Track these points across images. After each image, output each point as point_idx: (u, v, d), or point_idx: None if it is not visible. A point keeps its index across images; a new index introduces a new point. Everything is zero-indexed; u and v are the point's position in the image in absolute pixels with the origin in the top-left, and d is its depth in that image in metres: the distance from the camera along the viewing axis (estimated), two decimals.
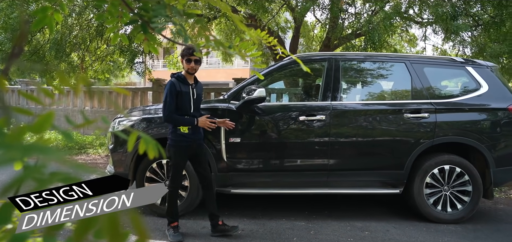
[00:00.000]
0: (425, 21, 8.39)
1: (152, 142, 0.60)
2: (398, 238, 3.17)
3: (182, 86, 3.00)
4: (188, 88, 3.02)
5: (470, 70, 3.75)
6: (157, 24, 0.67)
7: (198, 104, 3.10)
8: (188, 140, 3.01)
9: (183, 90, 2.98)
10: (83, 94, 9.97)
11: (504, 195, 4.77)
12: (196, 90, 3.07)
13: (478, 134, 3.53)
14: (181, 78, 3.04)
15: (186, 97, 3.00)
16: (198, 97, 3.09)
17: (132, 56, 8.55)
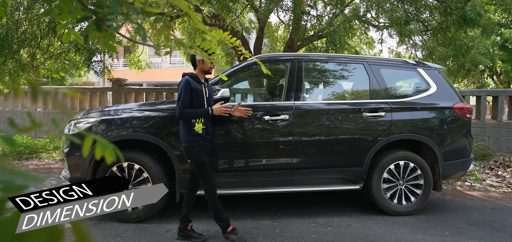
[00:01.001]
0: (381, 25, 8.86)
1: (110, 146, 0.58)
2: (358, 232, 3.31)
3: (196, 84, 3.02)
4: (202, 87, 3.05)
5: (421, 71, 4.02)
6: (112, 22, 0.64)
7: (210, 102, 3.09)
8: (204, 138, 3.01)
9: (197, 88, 3.00)
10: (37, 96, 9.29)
11: (451, 187, 5.17)
12: (208, 89, 3.12)
13: (429, 131, 3.79)
14: (194, 76, 3.06)
15: (200, 95, 3.02)
16: (210, 96, 3.11)
17: (89, 54, 8.09)
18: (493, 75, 19.76)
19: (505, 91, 7.67)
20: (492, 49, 16.13)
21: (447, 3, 6.92)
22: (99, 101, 9.60)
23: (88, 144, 0.60)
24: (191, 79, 3.00)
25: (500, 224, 3.62)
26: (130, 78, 14.69)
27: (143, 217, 3.44)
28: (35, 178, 0.47)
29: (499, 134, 7.33)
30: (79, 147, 3.42)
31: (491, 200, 4.54)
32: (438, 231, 3.36)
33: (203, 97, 3.03)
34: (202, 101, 3.02)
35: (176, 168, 3.45)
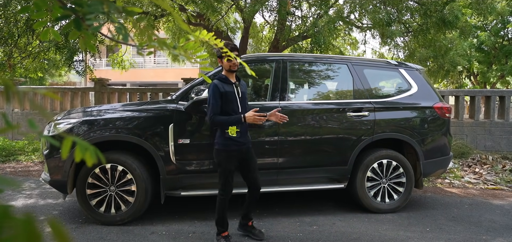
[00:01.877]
0: (364, 26, 9.02)
1: (90, 147, 0.56)
2: (343, 230, 3.36)
3: (226, 86, 2.82)
4: (232, 88, 2.84)
5: (402, 72, 4.12)
6: (92, 21, 0.62)
7: (244, 104, 2.89)
8: (237, 143, 2.83)
9: (227, 91, 2.80)
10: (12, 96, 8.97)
11: (431, 184, 5.32)
12: (240, 88, 2.90)
13: (410, 130, 3.89)
14: (223, 78, 2.85)
15: (232, 97, 2.82)
16: (243, 96, 2.90)
17: (70, 54, 7.87)
18: (471, 76, 20.46)
19: (481, 92, 7.96)
20: (469, 51, 16.72)
21: (427, 5, 7.12)
22: (80, 101, 9.36)
23: (67, 146, 0.58)
24: (220, 82, 2.81)
25: (477, 219, 3.75)
26: (113, 78, 14.42)
27: (127, 219, 3.38)
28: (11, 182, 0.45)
29: (476, 132, 7.60)
30: (59, 148, 3.32)
31: (469, 196, 4.70)
32: (419, 227, 3.45)
33: (235, 99, 2.82)
34: (235, 103, 2.82)
35: (161, 169, 3.40)
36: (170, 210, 3.87)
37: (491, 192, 4.99)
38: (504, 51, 16.90)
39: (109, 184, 3.38)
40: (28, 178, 5.42)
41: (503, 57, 17.32)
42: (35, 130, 0.56)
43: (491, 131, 7.54)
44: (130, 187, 3.37)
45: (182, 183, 3.49)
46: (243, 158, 2.93)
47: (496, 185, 5.33)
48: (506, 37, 17.26)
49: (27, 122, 0.60)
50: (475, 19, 14.81)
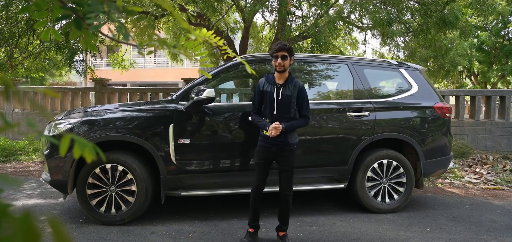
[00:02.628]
0: (365, 26, 9.01)
1: (88, 144, 0.56)
2: (343, 230, 3.36)
3: (266, 85, 2.86)
4: (273, 88, 2.83)
5: (403, 72, 4.12)
6: (92, 20, 0.62)
7: (284, 106, 2.82)
8: (266, 142, 2.87)
9: (265, 90, 2.85)
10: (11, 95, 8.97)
11: (432, 184, 5.32)
12: (285, 90, 2.81)
13: (411, 130, 3.89)
14: (270, 78, 2.90)
15: (268, 97, 2.84)
16: (285, 98, 2.80)
17: (70, 54, 7.88)
18: (471, 76, 20.44)
19: (481, 92, 7.96)
20: (470, 51, 16.71)
21: (427, 5, 7.11)
22: (81, 102, 9.37)
23: (66, 144, 0.58)
24: (263, 80, 2.91)
25: (478, 219, 3.75)
26: (114, 78, 14.43)
27: (127, 219, 3.38)
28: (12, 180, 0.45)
29: (477, 132, 7.59)
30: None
31: (470, 196, 4.70)
32: (419, 228, 3.45)
33: (271, 101, 2.82)
34: (271, 103, 2.83)
35: (161, 169, 3.40)
36: (170, 210, 3.87)
37: (491, 192, 4.98)
38: (505, 51, 16.89)
39: (110, 184, 3.38)
40: (28, 178, 5.43)
41: (504, 57, 17.31)
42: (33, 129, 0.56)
43: (492, 130, 7.53)
44: (130, 187, 3.38)
45: (182, 183, 3.49)
46: (276, 158, 2.91)
47: (497, 185, 5.33)
48: (507, 37, 17.25)
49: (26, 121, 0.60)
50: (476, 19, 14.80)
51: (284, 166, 2.90)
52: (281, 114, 2.84)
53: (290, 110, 2.85)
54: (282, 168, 2.92)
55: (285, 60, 2.80)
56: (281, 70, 2.82)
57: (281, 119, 2.83)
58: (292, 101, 2.84)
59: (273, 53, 2.84)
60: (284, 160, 2.89)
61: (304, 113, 2.89)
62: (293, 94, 2.84)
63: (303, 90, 2.88)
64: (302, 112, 2.89)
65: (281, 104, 2.82)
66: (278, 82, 2.86)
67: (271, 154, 2.90)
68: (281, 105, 2.83)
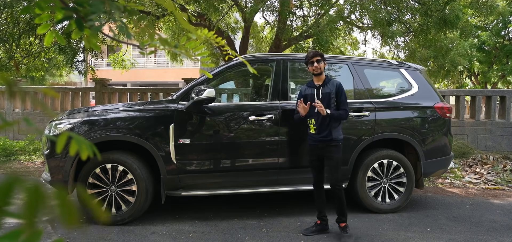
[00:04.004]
0: (365, 26, 9.01)
1: (85, 141, 0.57)
2: None
3: (307, 89, 3.23)
4: (313, 91, 3.18)
5: (403, 72, 4.12)
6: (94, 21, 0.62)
7: (324, 103, 3.09)
8: (313, 139, 3.17)
9: (307, 94, 3.21)
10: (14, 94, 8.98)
11: (432, 184, 5.32)
12: (323, 90, 3.14)
13: (411, 130, 3.89)
14: (309, 83, 3.27)
15: (309, 99, 3.16)
16: (324, 96, 3.12)
17: (72, 54, 7.89)
18: (471, 76, 20.44)
19: (482, 92, 7.95)
20: (470, 51, 16.71)
21: (427, 5, 7.11)
22: (81, 101, 9.37)
23: (62, 141, 0.59)
24: (304, 86, 3.30)
25: (478, 219, 3.75)
26: (114, 78, 14.43)
27: (127, 219, 3.38)
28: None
29: (477, 132, 7.59)
30: None
31: (470, 196, 4.70)
32: (420, 228, 3.45)
33: (313, 99, 3.13)
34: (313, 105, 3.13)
35: (161, 169, 3.41)
36: (170, 210, 3.87)
37: (492, 192, 4.98)
38: (505, 51, 16.88)
39: (110, 184, 3.38)
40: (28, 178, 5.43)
41: (504, 57, 17.30)
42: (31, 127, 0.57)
43: (492, 130, 7.53)
44: (130, 187, 3.38)
45: (182, 183, 3.49)
46: (322, 154, 3.15)
47: (497, 185, 5.33)
48: (507, 37, 17.25)
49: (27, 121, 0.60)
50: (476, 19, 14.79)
51: (329, 161, 3.13)
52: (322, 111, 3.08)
53: (330, 107, 3.12)
54: (327, 163, 3.16)
55: (319, 64, 3.13)
56: (318, 73, 3.15)
57: (322, 117, 3.08)
58: (332, 97, 3.13)
59: (308, 60, 3.19)
60: (329, 155, 3.12)
61: (344, 107, 3.15)
62: (332, 91, 3.13)
63: (340, 87, 3.16)
64: (340, 106, 3.15)
65: (321, 102, 3.10)
66: (317, 84, 3.19)
67: (319, 151, 3.16)
68: (322, 102, 3.10)
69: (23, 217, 0.46)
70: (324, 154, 3.15)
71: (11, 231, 0.46)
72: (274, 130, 3.59)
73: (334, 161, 3.11)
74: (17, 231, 0.46)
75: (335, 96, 3.13)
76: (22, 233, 0.45)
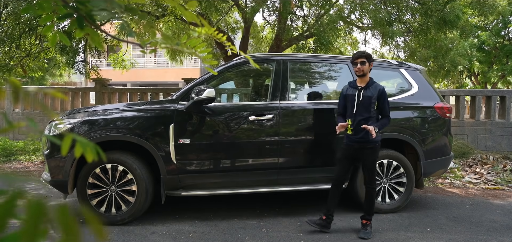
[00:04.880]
0: (365, 26, 9.01)
1: (90, 144, 0.56)
2: (343, 230, 3.36)
3: (349, 90, 3.24)
4: (354, 91, 3.18)
5: (403, 72, 4.11)
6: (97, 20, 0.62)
7: (363, 107, 3.12)
8: (349, 140, 3.20)
9: (348, 94, 3.23)
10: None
11: (432, 184, 5.32)
12: (364, 92, 3.13)
13: (411, 130, 3.88)
14: (352, 82, 3.28)
15: (350, 99, 3.20)
16: (365, 99, 3.12)
17: (73, 54, 7.89)
18: (471, 76, 20.44)
19: (482, 92, 7.95)
20: (470, 51, 16.71)
21: (427, 5, 7.11)
22: (81, 101, 9.37)
23: (67, 143, 0.59)
24: (346, 86, 3.30)
25: (478, 219, 3.74)
26: (114, 78, 14.42)
27: (127, 219, 3.38)
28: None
29: (477, 132, 7.59)
30: (60, 148, 3.33)
31: (470, 196, 4.70)
32: (420, 228, 3.45)
33: (352, 102, 3.17)
34: (350, 105, 3.18)
35: (161, 169, 3.40)
36: (170, 210, 3.87)
37: (492, 192, 4.98)
38: (505, 51, 16.88)
39: (110, 184, 3.38)
40: (28, 178, 5.43)
41: (504, 57, 17.30)
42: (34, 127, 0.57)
43: (492, 130, 7.53)
44: (130, 187, 3.38)
45: (182, 183, 3.49)
46: (358, 155, 3.20)
47: (497, 185, 5.33)
48: (507, 37, 17.25)
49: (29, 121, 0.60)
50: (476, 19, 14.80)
51: (365, 162, 3.19)
52: (359, 114, 3.13)
53: (370, 110, 3.12)
54: (364, 164, 3.21)
55: (363, 66, 3.12)
56: (361, 74, 3.15)
57: (360, 118, 3.12)
58: (372, 102, 3.12)
59: (353, 60, 3.20)
60: (365, 157, 3.17)
61: (386, 114, 3.17)
62: (374, 96, 3.13)
63: (383, 92, 3.15)
64: (383, 113, 3.17)
65: (360, 105, 3.13)
66: (359, 85, 3.19)
67: (353, 151, 3.18)
68: (361, 105, 3.13)
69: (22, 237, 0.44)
70: (359, 155, 3.19)
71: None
72: (274, 130, 3.59)
73: (370, 163, 3.17)
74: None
75: (377, 101, 3.13)
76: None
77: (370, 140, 3.10)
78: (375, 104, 3.13)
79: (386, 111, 3.16)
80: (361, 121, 3.09)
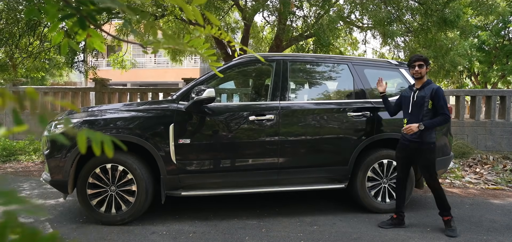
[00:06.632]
0: (365, 26, 9.01)
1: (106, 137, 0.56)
2: (343, 230, 3.36)
3: (406, 91, 3.40)
4: (410, 93, 3.33)
5: (403, 72, 4.11)
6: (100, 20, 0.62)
7: (417, 106, 3.23)
8: (404, 139, 3.33)
9: (405, 95, 3.39)
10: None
11: None
12: (418, 93, 3.24)
13: None
14: (411, 86, 3.41)
15: (406, 101, 3.35)
16: (419, 99, 3.22)
17: (72, 54, 7.89)
18: (471, 76, 20.43)
19: (482, 92, 7.95)
20: (470, 51, 16.70)
21: (427, 5, 7.11)
22: (81, 102, 9.37)
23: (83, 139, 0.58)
24: (407, 88, 3.44)
25: (478, 219, 3.75)
26: (114, 78, 14.42)
27: (127, 219, 3.38)
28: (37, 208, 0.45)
29: (477, 132, 7.59)
30: (61, 148, 3.33)
31: (470, 196, 4.70)
32: (420, 228, 3.45)
33: (407, 103, 3.31)
34: (406, 106, 3.33)
35: (161, 169, 3.40)
36: (170, 210, 3.87)
37: (491, 192, 4.98)
38: (505, 51, 16.88)
39: (110, 184, 3.38)
40: (28, 178, 5.43)
41: (504, 57, 17.30)
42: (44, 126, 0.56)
43: (492, 130, 7.53)
44: (130, 187, 3.38)
45: (182, 183, 3.49)
46: (414, 155, 3.29)
47: (497, 185, 5.33)
48: (507, 37, 17.25)
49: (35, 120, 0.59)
50: (476, 19, 14.79)
51: (422, 162, 3.27)
52: (414, 114, 3.25)
53: (423, 110, 3.22)
54: (420, 164, 3.30)
55: (421, 68, 3.24)
56: (418, 77, 3.26)
57: (414, 118, 3.23)
58: (425, 102, 3.20)
59: (410, 63, 3.30)
60: (421, 157, 3.26)
61: (442, 112, 3.18)
62: (427, 95, 3.20)
63: (437, 91, 3.19)
64: (439, 111, 3.19)
65: (414, 105, 3.25)
66: (416, 87, 3.32)
67: (409, 151, 3.30)
68: (415, 105, 3.25)
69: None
70: (415, 156, 3.28)
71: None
72: (274, 130, 3.59)
73: (427, 163, 3.25)
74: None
75: (431, 100, 3.19)
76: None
77: (424, 141, 3.19)
78: (429, 104, 3.20)
79: (441, 109, 3.18)
80: (413, 121, 3.23)
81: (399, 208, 3.43)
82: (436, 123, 3.19)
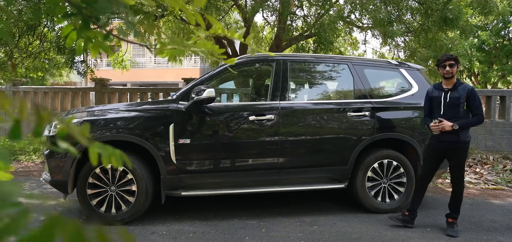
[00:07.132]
0: (365, 25, 9.01)
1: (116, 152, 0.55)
2: (343, 230, 3.36)
3: (435, 91, 3.31)
4: (440, 93, 3.25)
5: (403, 72, 4.12)
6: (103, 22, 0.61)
7: (451, 108, 3.17)
8: (436, 140, 3.28)
9: (434, 95, 3.31)
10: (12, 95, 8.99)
11: (432, 184, 5.32)
12: (451, 94, 3.18)
13: (411, 130, 3.88)
14: (437, 84, 3.35)
15: (436, 101, 3.27)
16: (453, 100, 3.16)
17: (72, 54, 7.89)
18: (471, 76, 20.43)
19: (482, 92, 7.95)
20: (470, 50, 16.71)
21: (427, 4, 7.11)
22: (81, 102, 9.37)
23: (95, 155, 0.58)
24: (432, 88, 3.38)
25: (478, 219, 3.75)
26: (114, 78, 14.42)
27: (127, 219, 3.38)
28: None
29: (477, 132, 7.59)
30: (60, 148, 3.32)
31: (470, 196, 4.70)
32: (420, 227, 3.45)
33: (438, 103, 3.24)
34: (437, 107, 3.26)
35: (161, 169, 3.40)
36: (170, 210, 3.87)
37: (491, 192, 4.98)
38: (505, 51, 16.88)
39: (110, 184, 3.38)
40: (28, 178, 5.43)
41: (504, 57, 17.30)
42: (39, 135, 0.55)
43: (492, 131, 7.53)
44: (130, 187, 3.38)
45: (182, 183, 3.49)
46: (448, 154, 3.27)
47: (497, 185, 5.33)
48: (507, 37, 17.25)
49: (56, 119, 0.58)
50: (476, 19, 14.79)
51: (455, 162, 3.24)
52: (447, 115, 3.18)
53: (458, 111, 3.17)
54: (452, 163, 3.26)
55: (452, 68, 3.18)
56: (449, 76, 3.20)
57: (448, 119, 3.15)
58: (461, 102, 3.16)
59: (441, 63, 3.24)
60: (455, 156, 3.22)
61: (477, 112, 3.16)
62: (462, 96, 3.16)
63: (472, 92, 3.17)
64: (474, 112, 3.17)
65: (448, 106, 3.19)
66: (445, 87, 3.24)
67: (443, 151, 3.27)
68: (448, 107, 3.19)
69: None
70: (448, 155, 3.25)
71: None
72: (274, 130, 3.59)
73: (460, 162, 3.22)
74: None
75: (466, 101, 3.16)
76: None
77: (461, 140, 3.16)
78: (464, 105, 3.17)
79: (476, 110, 3.15)
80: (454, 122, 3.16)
81: (413, 207, 3.42)
82: (471, 123, 3.16)
